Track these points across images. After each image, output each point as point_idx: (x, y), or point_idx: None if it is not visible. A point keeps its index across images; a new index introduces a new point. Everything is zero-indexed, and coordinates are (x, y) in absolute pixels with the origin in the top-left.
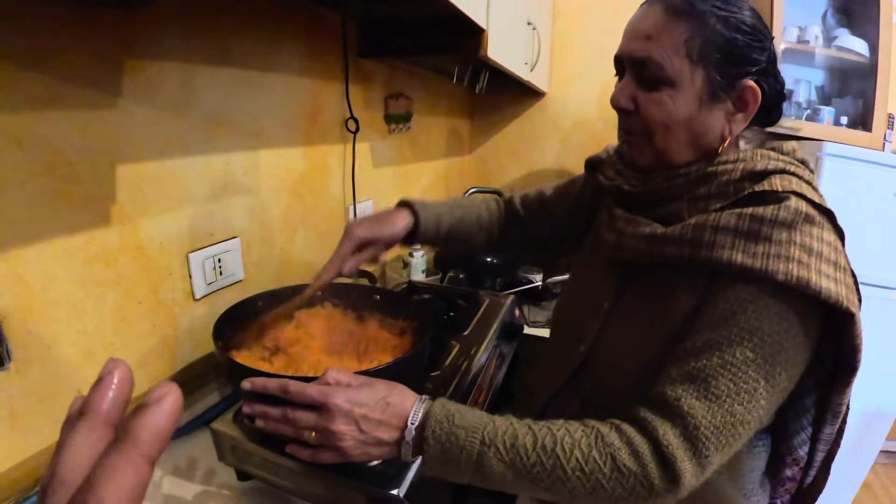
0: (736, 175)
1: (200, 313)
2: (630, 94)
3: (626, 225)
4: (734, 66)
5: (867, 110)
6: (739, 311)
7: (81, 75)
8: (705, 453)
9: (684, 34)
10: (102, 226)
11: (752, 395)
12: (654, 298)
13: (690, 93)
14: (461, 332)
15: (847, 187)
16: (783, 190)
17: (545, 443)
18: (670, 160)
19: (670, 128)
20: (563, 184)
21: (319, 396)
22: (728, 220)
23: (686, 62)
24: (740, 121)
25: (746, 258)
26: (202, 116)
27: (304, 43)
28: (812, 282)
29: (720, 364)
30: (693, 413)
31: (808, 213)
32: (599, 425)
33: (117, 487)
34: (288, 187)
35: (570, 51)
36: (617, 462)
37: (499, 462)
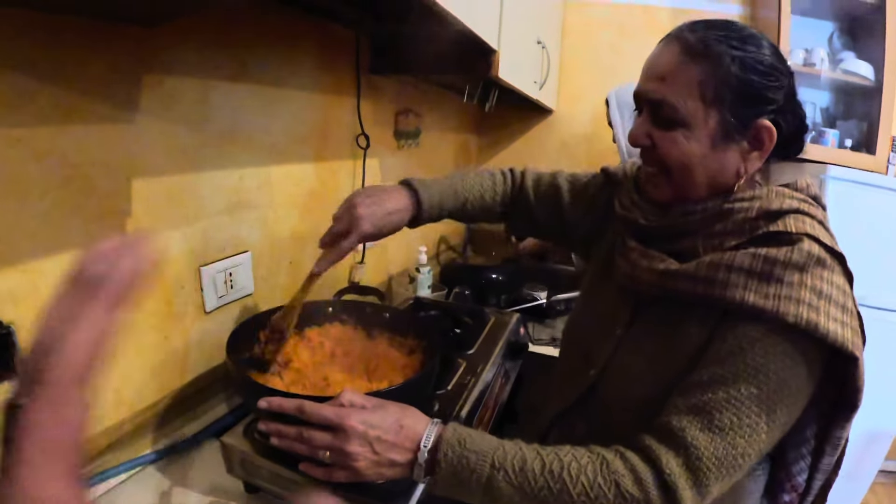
0: (752, 214)
1: (211, 326)
2: (646, 132)
3: (641, 258)
4: (749, 108)
5: (871, 133)
6: (747, 348)
7: (100, 90)
8: (705, 483)
9: (699, 76)
10: None
11: (754, 430)
12: (666, 330)
13: (703, 133)
14: (467, 351)
15: (850, 210)
16: (797, 231)
17: (553, 467)
18: (687, 196)
19: (686, 165)
20: (578, 182)
21: (335, 418)
22: (742, 260)
23: (700, 104)
24: (755, 159)
25: (759, 298)
26: (217, 131)
27: (317, 59)
28: (821, 325)
29: (725, 398)
30: (696, 444)
31: (819, 257)
32: (605, 452)
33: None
34: (299, 202)
35: (578, 68)
36: (621, 488)
37: (508, 485)
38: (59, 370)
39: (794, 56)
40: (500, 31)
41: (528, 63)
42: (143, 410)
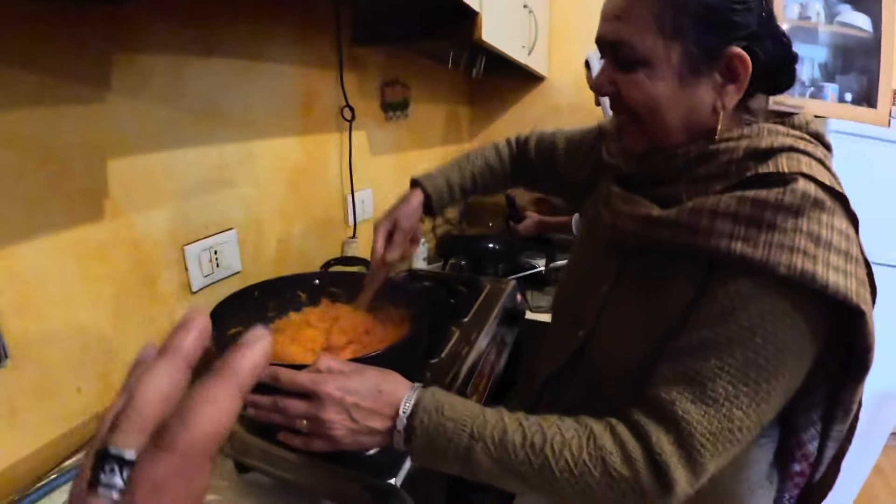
0: (738, 154)
1: (198, 306)
2: (609, 78)
3: (623, 204)
4: (714, 35)
5: (871, 87)
6: (739, 308)
7: (71, 71)
8: (700, 461)
9: (653, 8)
10: (96, 221)
11: (753, 399)
12: (652, 285)
13: (668, 70)
14: (461, 319)
15: (852, 164)
16: (790, 171)
17: (534, 440)
18: (663, 142)
19: (653, 108)
20: (576, 137)
21: (310, 384)
22: (728, 204)
23: (659, 38)
24: (732, 92)
25: (747, 248)
26: (194, 108)
27: (296, 31)
28: (818, 275)
29: (718, 366)
30: (688, 418)
31: (816, 198)
32: (594, 424)
33: (215, 412)
34: (284, 177)
35: (568, 34)
36: (608, 466)
37: (486, 457)
38: (195, 440)
39: (789, 11)
40: None
41: (514, 27)
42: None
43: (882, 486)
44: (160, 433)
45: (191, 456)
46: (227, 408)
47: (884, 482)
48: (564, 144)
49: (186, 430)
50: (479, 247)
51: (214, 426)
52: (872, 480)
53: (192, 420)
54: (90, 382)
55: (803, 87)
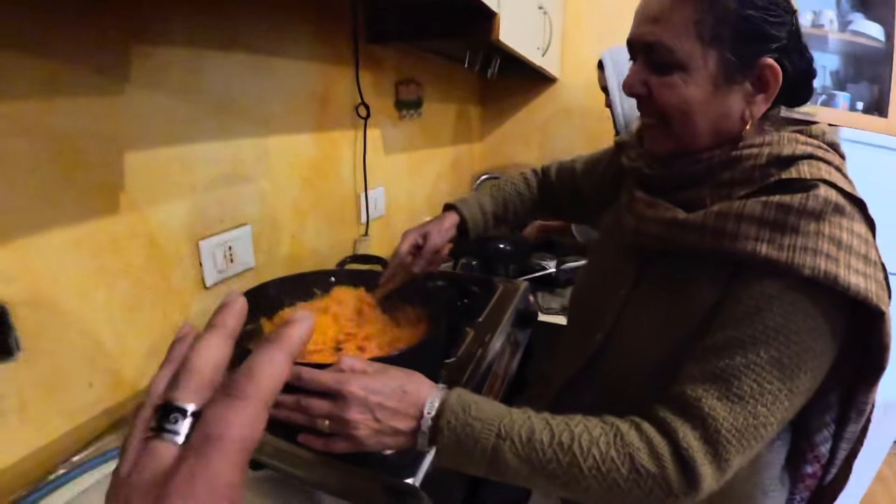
0: (762, 160)
1: (212, 301)
2: (642, 79)
3: (646, 208)
4: (750, 45)
5: (882, 96)
6: (765, 309)
7: (88, 61)
8: (726, 457)
9: (694, 15)
10: (111, 214)
11: (776, 397)
12: (674, 288)
13: (703, 76)
14: (475, 319)
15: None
16: (811, 177)
17: (562, 439)
18: (689, 146)
19: (686, 112)
20: (594, 157)
21: (334, 384)
22: (753, 208)
23: (697, 44)
24: (761, 102)
25: (772, 250)
26: (211, 102)
27: (313, 28)
28: (841, 277)
29: (743, 364)
30: (714, 415)
31: (837, 203)
32: (619, 423)
33: (274, 369)
34: (298, 174)
35: (581, 36)
36: (635, 463)
37: (514, 456)
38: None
39: (802, 18)
40: None
41: (529, 28)
42: (144, 390)
43: (884, 495)
44: (229, 384)
45: (256, 402)
46: (282, 368)
47: (886, 491)
48: (582, 166)
49: (253, 382)
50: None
51: (274, 380)
52: (874, 489)
53: (258, 374)
54: (102, 377)
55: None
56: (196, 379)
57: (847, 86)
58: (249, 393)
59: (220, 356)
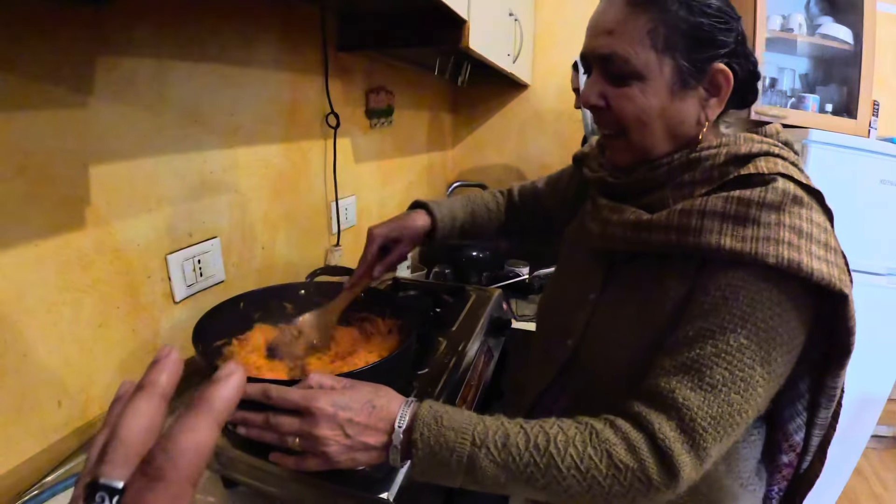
0: (720, 159)
1: (181, 316)
2: (599, 92)
3: (611, 213)
4: (702, 52)
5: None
6: (731, 298)
7: (52, 74)
8: (703, 445)
9: (647, 25)
10: (77, 229)
11: (749, 383)
12: (642, 288)
13: (660, 84)
14: (448, 329)
15: (833, 174)
16: (769, 172)
17: (538, 441)
18: (649, 155)
19: (645, 122)
20: (554, 176)
21: (302, 401)
22: (715, 204)
23: (652, 53)
24: (715, 105)
25: (735, 242)
26: (178, 114)
27: (281, 37)
28: (804, 264)
29: (714, 353)
30: (688, 405)
31: (795, 195)
32: (593, 421)
33: (195, 441)
34: (268, 185)
35: (552, 42)
36: (613, 458)
37: (491, 463)
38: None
39: (772, 22)
40: (470, 2)
41: (500, 35)
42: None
43: (863, 488)
44: (147, 463)
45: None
46: (205, 437)
47: (864, 483)
48: (544, 184)
49: (172, 461)
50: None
51: (195, 455)
52: (853, 483)
53: (175, 449)
54: (71, 396)
55: (784, 98)
56: (123, 451)
57: (817, 88)
58: (168, 474)
59: (150, 421)
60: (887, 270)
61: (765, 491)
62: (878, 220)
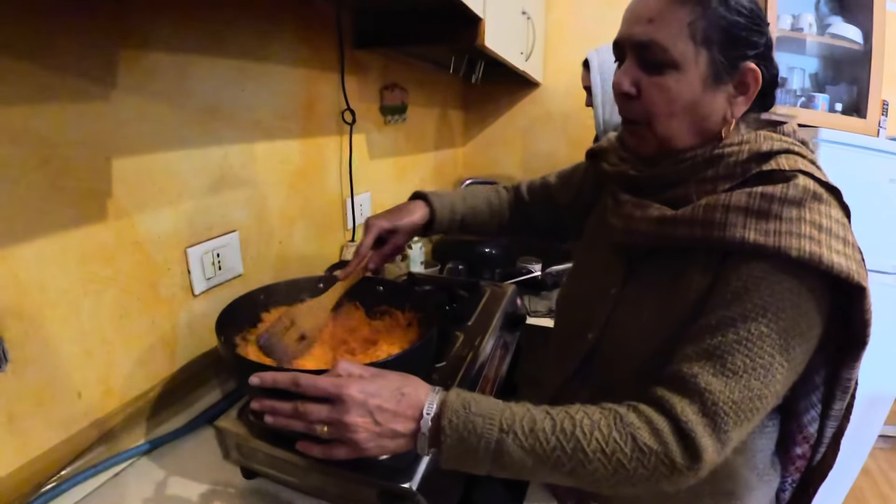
0: (742, 156)
1: (200, 309)
2: (633, 79)
3: (635, 209)
4: (736, 49)
5: (861, 97)
6: (753, 288)
7: (75, 67)
8: (724, 429)
9: (688, 17)
10: (99, 221)
11: (769, 371)
12: (665, 281)
13: (695, 75)
14: (464, 323)
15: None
16: (790, 169)
17: (564, 426)
18: (673, 146)
19: (673, 112)
20: (566, 171)
21: (332, 388)
22: (739, 199)
23: (690, 44)
24: (741, 103)
25: (759, 236)
26: (198, 108)
27: (298, 33)
28: (824, 257)
29: (735, 340)
30: (710, 389)
31: (815, 191)
32: (616, 407)
33: None
34: (285, 180)
35: (564, 41)
36: (637, 441)
37: (518, 448)
38: None
39: (782, 22)
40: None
41: (513, 34)
42: (133, 400)
43: (870, 488)
44: None
45: None
46: None
47: (871, 483)
48: (556, 179)
49: None
50: (476, 251)
51: None
52: (861, 483)
53: None
54: (91, 387)
55: (794, 97)
56: None
57: (826, 87)
58: None
59: None
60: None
61: (779, 482)
62: (887, 219)
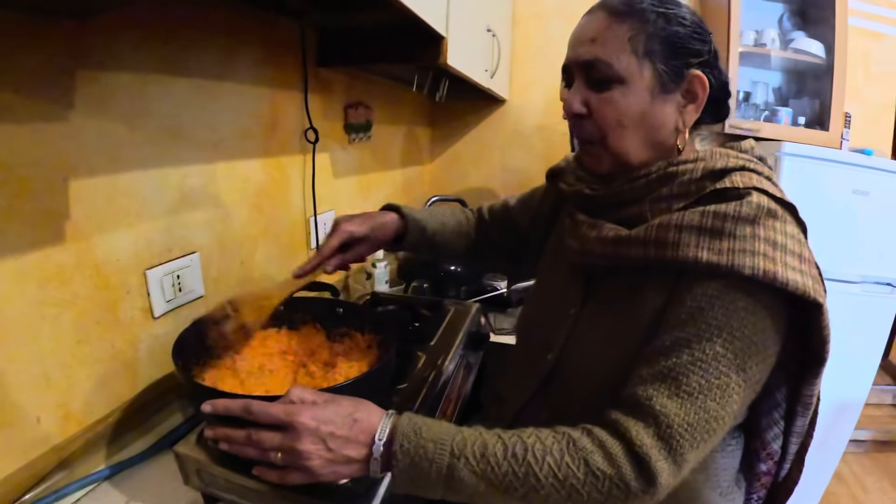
0: (696, 174)
1: (161, 331)
2: (582, 99)
3: (590, 230)
4: (679, 58)
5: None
6: (707, 308)
7: (32, 87)
8: (680, 451)
9: (628, 32)
10: (57, 244)
11: (724, 391)
12: (621, 301)
13: (641, 87)
14: (427, 343)
15: (806, 186)
16: (744, 186)
17: (516, 451)
18: (628, 161)
19: (625, 126)
20: (526, 194)
21: (284, 415)
22: (691, 218)
23: (633, 58)
24: (691, 112)
25: (712, 255)
26: (158, 128)
27: (261, 52)
28: (779, 274)
29: (690, 361)
30: (665, 412)
31: (770, 208)
32: (570, 430)
33: None
34: (247, 199)
35: (529, 57)
36: (590, 466)
37: (470, 473)
38: None
39: (745, 38)
40: (448, 18)
41: (478, 51)
42: (93, 425)
43: (844, 493)
44: None
45: None
46: None
47: (844, 487)
48: (516, 201)
49: None
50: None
51: None
52: (834, 488)
53: None
54: (50, 412)
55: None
56: None
57: (790, 101)
58: None
59: None
60: (861, 278)
61: (744, 499)
62: (851, 230)
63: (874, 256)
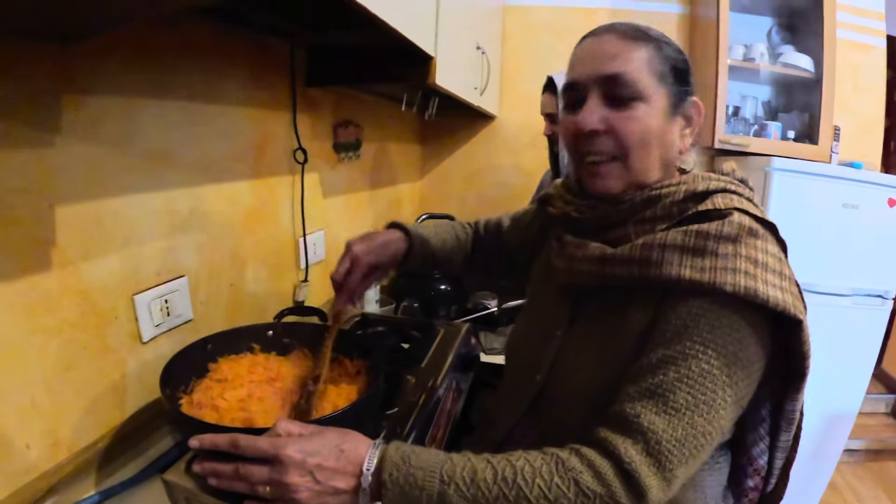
0: (679, 196)
1: (149, 356)
2: (601, 116)
3: (576, 249)
4: (683, 85)
5: (813, 123)
6: (692, 325)
7: (18, 112)
8: (669, 467)
9: (646, 54)
10: (43, 270)
11: (711, 406)
12: (607, 321)
13: (658, 107)
14: (417, 366)
15: (796, 201)
16: (725, 207)
17: (505, 474)
18: (645, 180)
19: (648, 143)
20: (519, 213)
21: (271, 449)
22: (675, 237)
23: (652, 79)
24: (689, 136)
25: (695, 273)
26: (145, 152)
27: (249, 73)
28: (760, 291)
29: (677, 378)
30: (653, 428)
31: (751, 227)
32: (558, 451)
33: None
34: (236, 221)
35: (519, 73)
36: (580, 485)
37: (461, 499)
38: None
39: (734, 52)
40: (437, 38)
41: (467, 69)
42: (82, 451)
43: (838, 502)
44: None
45: None
46: None
47: (839, 497)
48: (508, 220)
49: None
50: (432, 288)
51: None
52: (828, 498)
53: None
54: (39, 439)
55: (748, 125)
56: None
57: (779, 115)
58: None
59: None
60: (851, 291)
61: None
62: (841, 243)
63: (865, 269)
